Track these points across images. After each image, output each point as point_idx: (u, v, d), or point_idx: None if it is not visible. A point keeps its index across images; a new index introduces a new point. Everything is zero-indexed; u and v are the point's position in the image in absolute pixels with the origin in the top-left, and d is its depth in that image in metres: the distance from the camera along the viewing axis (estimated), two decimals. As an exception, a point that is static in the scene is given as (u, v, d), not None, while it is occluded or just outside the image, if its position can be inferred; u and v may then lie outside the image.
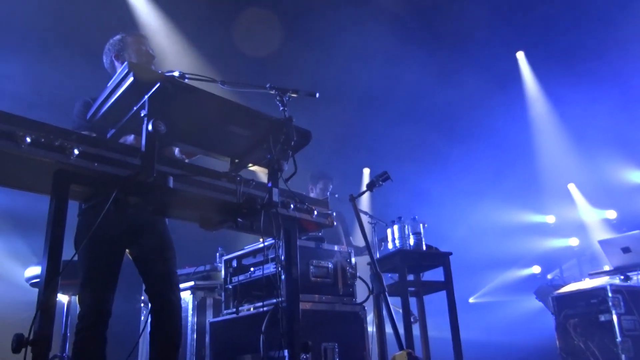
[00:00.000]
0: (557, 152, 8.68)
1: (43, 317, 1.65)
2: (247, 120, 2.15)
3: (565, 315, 4.80)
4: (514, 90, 8.79)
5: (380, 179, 3.11)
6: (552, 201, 9.25)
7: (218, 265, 4.44)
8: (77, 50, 5.51)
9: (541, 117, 8.89)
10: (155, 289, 2.68)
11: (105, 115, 2.02)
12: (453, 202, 8.47)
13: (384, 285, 2.76)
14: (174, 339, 2.63)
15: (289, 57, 7.14)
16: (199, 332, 4.09)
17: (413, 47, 7.70)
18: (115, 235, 2.55)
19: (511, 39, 8.18)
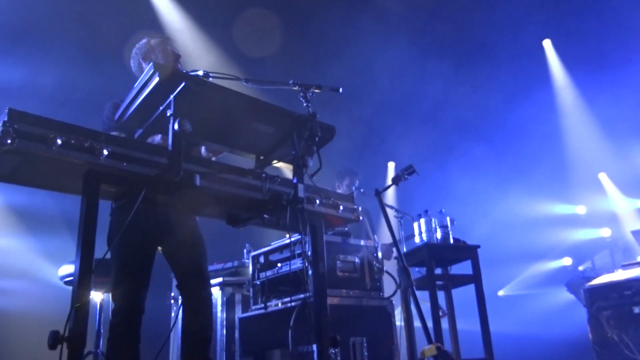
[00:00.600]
0: (587, 141, 8.49)
1: (77, 314, 1.69)
2: (271, 117, 2.17)
3: (597, 308, 4.71)
4: (541, 79, 8.62)
5: (406, 173, 3.08)
6: (582, 191, 9.05)
7: (245, 261, 4.48)
8: (104, 52, 5.60)
9: (569, 106, 8.70)
10: (187, 285, 2.71)
11: (132, 115, 2.06)
12: (480, 195, 8.36)
13: (411, 279, 2.75)
14: (205, 334, 2.66)
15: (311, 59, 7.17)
16: (229, 328, 4.14)
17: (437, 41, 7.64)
18: (146, 232, 2.59)
19: (537, 27, 8.01)
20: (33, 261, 5.72)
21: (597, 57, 7.66)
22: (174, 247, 2.74)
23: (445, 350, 2.51)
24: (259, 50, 6.78)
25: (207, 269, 2.82)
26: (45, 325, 1.75)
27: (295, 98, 2.41)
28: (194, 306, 2.68)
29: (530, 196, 8.79)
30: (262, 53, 6.79)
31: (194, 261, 2.74)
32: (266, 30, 6.72)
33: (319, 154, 2.26)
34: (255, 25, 6.69)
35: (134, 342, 2.53)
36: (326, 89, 2.49)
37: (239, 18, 6.64)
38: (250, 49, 6.76)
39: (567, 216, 9.30)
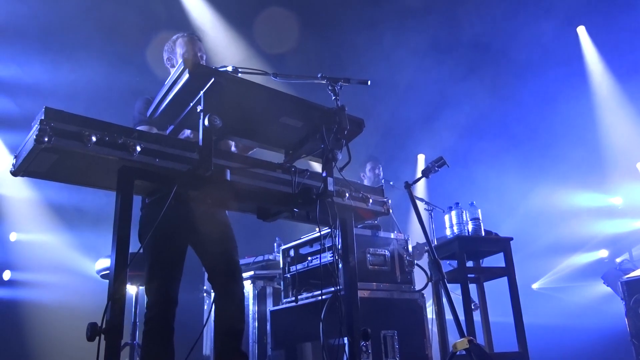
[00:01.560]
0: (624, 129, 8.24)
1: (114, 307, 1.73)
2: (300, 111, 2.17)
3: (636, 300, 4.59)
4: (575, 67, 8.40)
5: (436, 165, 3.05)
6: (619, 181, 8.79)
7: (276, 255, 4.52)
8: (136, 50, 5.69)
9: (604, 94, 8.45)
10: (218, 279, 2.75)
11: (164, 112, 2.09)
12: (512, 186, 8.21)
13: (442, 272, 2.72)
14: (237, 327, 2.69)
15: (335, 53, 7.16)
16: (260, 320, 4.18)
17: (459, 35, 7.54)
18: (178, 227, 2.63)
19: (569, 14, 7.79)
20: (71, 255, 5.89)
21: (634, 44, 7.41)
22: (204, 241, 2.78)
23: (477, 343, 2.48)
24: (284, 47, 6.81)
25: (239, 262, 2.84)
26: (84, 318, 1.80)
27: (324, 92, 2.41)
28: (225, 299, 2.71)
29: (564, 187, 8.59)
30: (287, 49, 6.81)
31: (224, 255, 2.77)
32: (290, 26, 6.73)
33: (348, 147, 2.26)
34: (280, 21, 6.70)
35: (168, 335, 2.58)
36: (354, 81, 2.48)
37: (266, 15, 6.66)
38: (275, 46, 6.79)
39: (603, 207, 9.06)
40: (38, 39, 5.63)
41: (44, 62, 5.69)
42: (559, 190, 8.56)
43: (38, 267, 5.79)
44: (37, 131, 1.66)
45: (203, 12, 6.69)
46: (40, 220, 5.93)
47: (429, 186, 8.19)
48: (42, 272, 5.79)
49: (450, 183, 7.39)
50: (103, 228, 5.50)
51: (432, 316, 3.95)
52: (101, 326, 1.69)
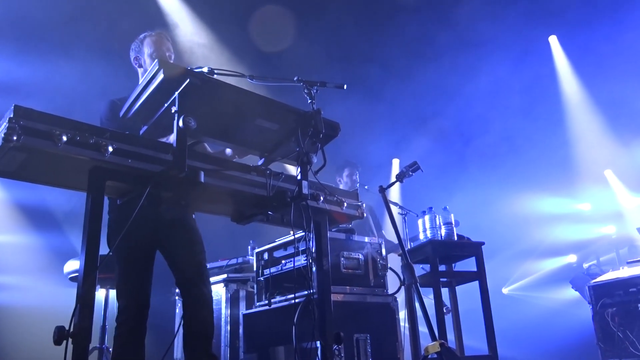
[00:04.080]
0: (593, 137, 8.45)
1: (82, 310, 1.70)
2: (276, 114, 2.17)
3: (602, 305, 4.70)
4: (546, 76, 8.59)
5: (410, 169, 3.08)
6: (587, 188, 9.01)
7: (250, 258, 4.49)
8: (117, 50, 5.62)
9: (575, 103, 8.66)
10: (186, 282, 2.72)
11: (137, 112, 2.07)
12: (484, 191, 8.35)
13: (415, 276, 2.75)
14: (206, 331, 2.67)
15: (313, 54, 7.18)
16: (233, 324, 4.15)
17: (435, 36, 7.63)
18: (147, 229, 2.59)
19: (542, 22, 7.97)
20: (39, 257, 5.75)
21: (604, 52, 7.61)
22: (172, 245, 2.75)
23: (448, 347, 2.51)
24: (266, 48, 6.80)
25: (206, 266, 2.83)
26: (51, 321, 1.76)
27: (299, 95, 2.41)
28: (194, 303, 2.69)
29: (535, 193, 8.77)
30: (269, 50, 6.80)
31: (192, 259, 2.75)
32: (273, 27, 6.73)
33: (323, 150, 2.27)
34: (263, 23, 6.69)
35: (139, 338, 2.55)
36: (331, 85, 2.49)
37: (246, 16, 6.65)
38: (257, 47, 6.78)
39: (572, 213, 9.27)
40: (14, 37, 5.52)
41: (16, 60, 5.57)
42: (529, 196, 8.73)
43: (4, 269, 5.64)
44: (5, 129, 1.62)
45: (179, 12, 6.63)
46: (7, 221, 5.78)
47: (403, 191, 8.26)
48: (8, 274, 5.64)
49: (425, 188, 7.48)
50: (72, 229, 5.41)
51: (405, 320, 3.97)
52: (69, 330, 1.66)
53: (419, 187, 7.46)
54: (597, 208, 9.15)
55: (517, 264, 9.56)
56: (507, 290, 9.78)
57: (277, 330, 3.46)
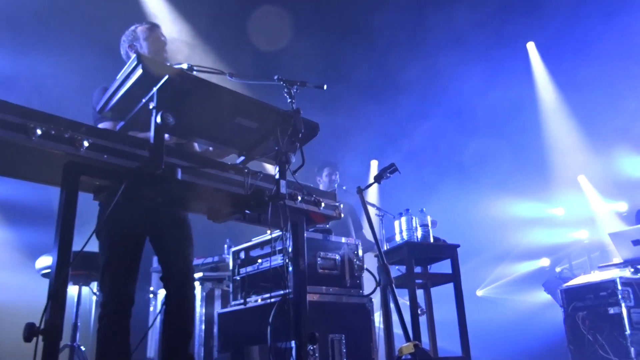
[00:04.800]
0: (568, 143, 8.62)
1: (54, 307, 1.67)
2: (255, 113, 2.16)
3: (573, 308, 4.79)
4: (524, 82, 8.73)
5: (388, 171, 3.09)
6: (561, 193, 9.18)
7: (226, 256, 4.47)
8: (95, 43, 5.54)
9: (551, 109, 8.82)
10: (172, 279, 2.70)
11: (115, 107, 2.04)
12: (460, 195, 8.44)
13: (391, 278, 2.76)
14: (187, 329, 2.66)
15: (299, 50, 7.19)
16: (207, 323, 4.13)
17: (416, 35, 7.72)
18: (135, 224, 2.56)
19: (520, 26, 8.10)
20: (10, 253, 5.63)
21: (580, 60, 7.77)
22: (163, 238, 2.72)
23: (422, 348, 2.53)
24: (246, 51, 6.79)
25: (192, 263, 2.82)
26: (22, 318, 1.73)
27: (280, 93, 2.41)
28: (178, 301, 2.67)
29: (510, 197, 8.90)
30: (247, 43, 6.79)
31: (181, 255, 2.73)
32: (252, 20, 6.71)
33: (302, 150, 2.27)
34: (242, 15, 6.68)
35: (123, 334, 2.50)
36: (311, 85, 2.49)
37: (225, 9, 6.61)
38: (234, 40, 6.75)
39: (545, 217, 9.44)
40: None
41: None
42: (505, 200, 8.86)
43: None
44: (-24, 121, 1.59)
45: (158, 6, 6.56)
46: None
47: (381, 192, 8.31)
48: (-22, 269, 5.51)
49: (401, 191, 7.54)
50: (45, 225, 5.30)
51: (380, 320, 4.00)
52: (39, 327, 1.63)
53: (396, 190, 7.53)
54: (570, 213, 9.33)
55: (491, 267, 9.69)
56: (482, 293, 9.91)
57: (252, 330, 3.44)
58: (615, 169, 8.22)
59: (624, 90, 7.31)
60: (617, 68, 7.38)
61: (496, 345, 6.73)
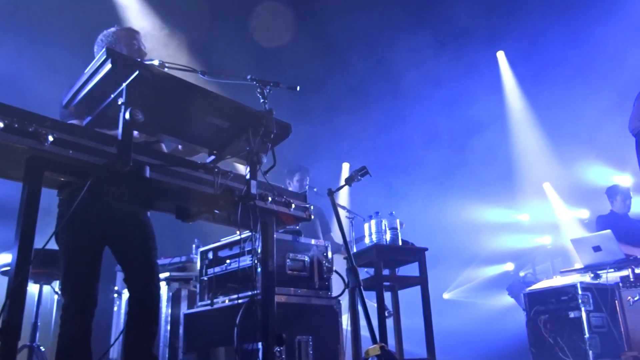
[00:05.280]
0: (534, 151, 8.82)
1: (12, 306, 1.63)
2: (227, 112, 2.14)
3: (536, 312, 4.89)
4: (493, 90, 8.90)
5: (359, 174, 3.11)
6: (527, 200, 9.39)
7: (194, 256, 4.42)
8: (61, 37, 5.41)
9: (519, 117, 9.02)
10: (136, 279, 2.66)
11: (82, 101, 1.99)
12: (430, 200, 8.55)
13: (359, 280, 2.77)
14: (151, 330, 2.62)
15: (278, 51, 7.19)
16: (173, 324, 4.07)
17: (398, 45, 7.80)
18: (97, 224, 2.51)
19: (490, 35, 8.26)
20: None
21: (548, 70, 7.97)
22: (124, 240, 2.68)
23: (389, 350, 2.55)
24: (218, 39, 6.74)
25: (157, 263, 2.77)
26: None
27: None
28: (142, 301, 2.63)
29: (478, 203, 9.06)
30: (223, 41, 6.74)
31: (143, 255, 2.69)
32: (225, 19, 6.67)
33: (274, 151, 2.26)
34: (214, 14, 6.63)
35: (85, 337, 2.45)
36: (284, 86, 2.49)
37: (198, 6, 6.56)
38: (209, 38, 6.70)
39: (511, 223, 9.64)
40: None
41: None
42: (473, 206, 9.02)
43: None
44: None
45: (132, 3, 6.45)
46: None
47: (352, 195, 8.35)
48: None
49: (373, 193, 7.59)
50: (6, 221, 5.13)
51: (347, 322, 4.01)
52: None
53: (366, 194, 7.58)
54: (534, 219, 9.55)
55: (458, 271, 9.85)
56: (448, 296, 10.05)
57: (218, 331, 3.41)
58: (578, 177, 8.44)
59: (588, 102, 7.52)
60: (581, 80, 7.60)
61: (461, 348, 6.82)
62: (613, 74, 7.07)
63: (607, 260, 4.67)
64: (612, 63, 7.16)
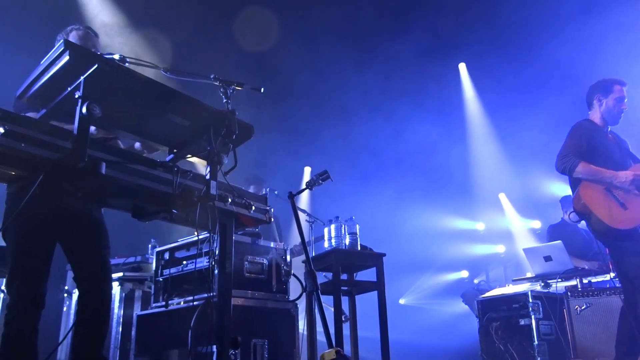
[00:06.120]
0: (491, 162, 9.04)
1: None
2: (188, 110, 2.11)
3: (488, 319, 5.00)
4: (453, 101, 9.10)
5: (320, 178, 3.11)
6: (483, 209, 9.62)
7: (149, 257, 4.33)
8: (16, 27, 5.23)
9: (478, 129, 9.24)
10: (87, 279, 2.59)
11: (36, 93, 1.92)
12: (389, 207, 8.66)
13: (317, 284, 2.77)
14: (99, 332, 2.56)
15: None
16: (125, 325, 3.97)
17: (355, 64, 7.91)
18: (47, 220, 2.43)
19: (455, 50, 8.45)
20: None
21: (506, 84, 8.19)
22: (76, 238, 2.61)
23: (344, 354, 2.55)
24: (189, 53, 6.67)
25: (109, 262, 2.71)
26: None
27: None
28: (92, 301, 2.57)
29: (436, 211, 9.22)
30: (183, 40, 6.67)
31: (95, 254, 2.63)
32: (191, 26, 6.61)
33: (235, 152, 2.23)
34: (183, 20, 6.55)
35: (31, 338, 2.37)
36: (247, 87, 2.46)
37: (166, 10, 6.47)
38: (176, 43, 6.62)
39: (467, 231, 9.85)
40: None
41: None
42: (430, 213, 9.17)
43: None
44: None
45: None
46: None
47: (312, 199, 8.36)
48: None
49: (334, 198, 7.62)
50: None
51: (304, 326, 4.00)
52: None
53: (326, 198, 7.61)
54: (490, 228, 9.79)
55: (415, 277, 9.99)
56: (404, 301, 10.18)
57: (172, 333, 3.35)
58: (531, 189, 8.70)
59: (542, 116, 7.77)
60: (538, 93, 7.85)
61: (415, 354, 6.91)
62: (567, 87, 7.32)
63: (557, 269, 4.83)
64: (565, 77, 7.41)
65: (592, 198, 3.57)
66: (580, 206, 3.65)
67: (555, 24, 7.45)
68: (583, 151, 3.66)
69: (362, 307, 4.41)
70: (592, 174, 3.58)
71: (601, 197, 3.56)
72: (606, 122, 3.85)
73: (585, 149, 3.67)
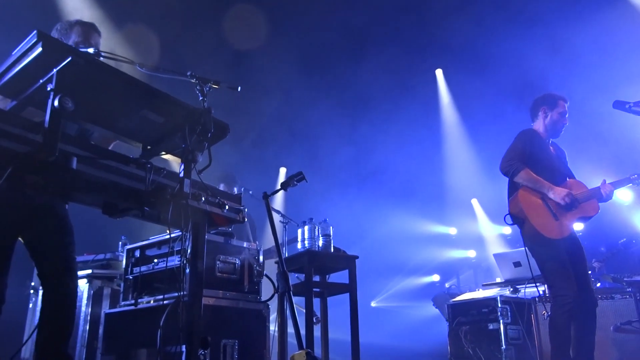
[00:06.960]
0: (464, 168, 9.17)
1: None
2: (163, 106, 2.08)
3: (458, 322, 5.07)
4: (431, 107, 9.20)
5: (295, 179, 3.12)
6: (455, 214, 9.74)
7: (119, 254, 4.26)
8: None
9: (451, 137, 9.36)
10: (51, 276, 2.54)
11: (7, 84, 1.88)
12: (362, 210, 8.70)
13: (289, 285, 2.77)
14: (64, 330, 2.51)
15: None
16: (92, 323, 3.90)
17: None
18: (10, 215, 2.37)
19: (431, 58, 8.54)
20: None
21: (479, 90, 8.31)
22: (39, 234, 2.55)
23: (314, 356, 2.56)
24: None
25: (75, 258, 2.66)
26: None
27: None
28: (57, 298, 2.52)
29: (410, 215, 9.30)
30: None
31: (60, 250, 2.58)
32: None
33: (210, 150, 2.22)
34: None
35: None
36: (224, 85, 2.45)
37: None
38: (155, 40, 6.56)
39: (440, 236, 9.97)
40: None
41: None
42: (403, 217, 9.25)
43: None
44: None
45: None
46: None
47: (287, 200, 8.35)
48: None
49: (308, 200, 7.63)
50: None
51: (275, 327, 3.99)
52: None
53: (301, 200, 7.61)
54: (462, 233, 9.92)
55: (387, 280, 10.06)
56: (376, 304, 10.23)
57: (141, 332, 3.30)
58: (503, 195, 8.83)
59: (514, 121, 7.90)
60: (512, 98, 7.98)
61: (386, 356, 6.95)
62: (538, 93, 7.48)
63: (526, 275, 4.91)
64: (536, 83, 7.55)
65: (529, 204, 3.71)
66: (517, 210, 3.77)
67: (529, 29, 7.61)
68: (526, 157, 3.77)
69: (333, 309, 4.42)
70: (532, 182, 3.72)
71: (537, 205, 3.71)
72: (549, 134, 4.01)
73: (527, 155, 3.79)
